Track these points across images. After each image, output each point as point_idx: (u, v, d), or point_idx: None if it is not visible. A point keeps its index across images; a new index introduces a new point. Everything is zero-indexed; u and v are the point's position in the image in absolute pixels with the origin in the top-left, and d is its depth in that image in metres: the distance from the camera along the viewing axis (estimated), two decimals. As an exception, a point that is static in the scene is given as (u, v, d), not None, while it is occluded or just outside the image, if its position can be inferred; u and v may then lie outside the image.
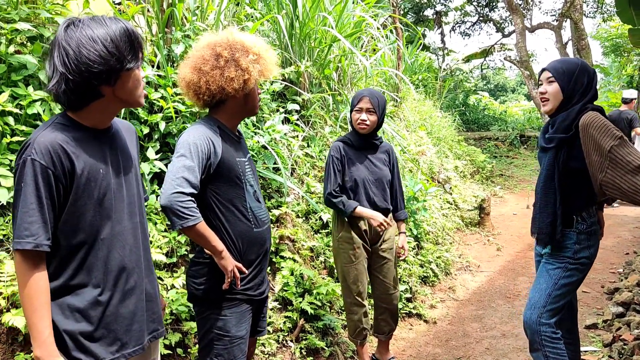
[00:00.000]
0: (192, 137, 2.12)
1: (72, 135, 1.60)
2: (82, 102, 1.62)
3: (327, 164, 3.27)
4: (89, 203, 1.62)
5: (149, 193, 3.23)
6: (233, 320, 2.23)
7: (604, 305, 4.71)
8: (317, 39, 5.36)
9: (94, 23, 1.58)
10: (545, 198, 2.69)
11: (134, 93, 1.69)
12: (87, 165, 1.61)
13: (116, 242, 1.69)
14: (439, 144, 9.35)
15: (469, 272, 5.88)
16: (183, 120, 3.46)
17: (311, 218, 4.50)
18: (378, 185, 3.29)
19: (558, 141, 2.60)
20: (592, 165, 2.48)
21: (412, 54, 11.22)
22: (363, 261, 3.30)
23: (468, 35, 22.08)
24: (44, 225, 1.53)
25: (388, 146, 3.45)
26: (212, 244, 2.10)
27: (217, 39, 2.21)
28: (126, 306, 1.72)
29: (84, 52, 1.53)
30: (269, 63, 2.23)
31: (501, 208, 9.32)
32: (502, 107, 22.77)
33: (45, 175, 1.52)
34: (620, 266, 5.83)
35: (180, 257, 3.30)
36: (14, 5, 3.06)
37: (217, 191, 2.19)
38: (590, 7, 18.71)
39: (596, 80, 2.64)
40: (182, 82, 2.23)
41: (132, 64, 1.62)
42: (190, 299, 2.31)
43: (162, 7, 3.79)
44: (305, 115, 5.10)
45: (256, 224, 2.28)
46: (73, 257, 1.62)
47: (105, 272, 1.67)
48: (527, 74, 13.79)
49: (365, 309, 3.33)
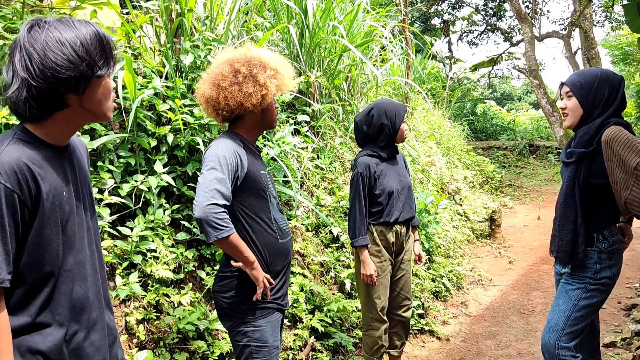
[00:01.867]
0: (220, 150, 2.15)
1: (35, 153, 1.41)
2: (44, 113, 1.42)
3: (356, 182, 3.18)
4: (54, 231, 1.43)
5: (157, 207, 3.14)
6: (269, 330, 2.24)
7: (621, 322, 4.58)
8: (327, 48, 5.29)
9: (61, 25, 1.41)
10: (565, 215, 2.57)
11: (103, 104, 1.50)
12: (52, 187, 1.43)
13: (78, 274, 1.51)
14: (448, 154, 9.25)
15: (481, 286, 5.76)
16: (191, 133, 3.38)
17: (321, 232, 4.41)
18: (405, 193, 3.28)
19: (578, 156, 2.49)
20: (616, 182, 2.37)
21: (421, 63, 11.15)
22: (388, 275, 3.24)
23: (475, 45, 22.03)
24: (6, 258, 1.34)
25: (402, 153, 3.47)
26: (244, 254, 2.13)
27: (235, 55, 2.26)
28: (91, 343, 1.55)
29: (50, 56, 1.35)
30: (286, 78, 2.28)
31: (511, 219, 9.19)
32: (510, 116, 22.67)
33: (10, 200, 1.33)
34: (637, 280, 5.69)
35: (187, 274, 3.21)
36: (19, 14, 3.00)
37: (243, 203, 2.21)
38: (599, 17, 18.61)
39: (622, 88, 2.50)
40: (202, 98, 2.28)
41: (103, 71, 1.45)
42: (222, 316, 2.29)
43: (171, 16, 3.73)
44: (315, 126, 5.02)
45: (281, 235, 2.32)
46: (38, 293, 1.43)
47: (69, 308, 1.49)
48: (536, 83, 13.68)
49: (386, 325, 3.24)
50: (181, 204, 3.35)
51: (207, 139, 3.47)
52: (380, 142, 3.23)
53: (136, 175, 3.12)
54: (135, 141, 3.19)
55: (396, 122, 3.20)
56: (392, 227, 3.21)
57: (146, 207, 3.16)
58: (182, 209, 3.33)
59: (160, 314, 2.95)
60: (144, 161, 3.25)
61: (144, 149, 3.26)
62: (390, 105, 3.24)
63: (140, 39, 3.77)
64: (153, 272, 2.92)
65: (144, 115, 3.26)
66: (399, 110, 3.22)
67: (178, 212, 3.29)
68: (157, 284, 2.99)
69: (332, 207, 4.57)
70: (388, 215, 3.19)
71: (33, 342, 1.42)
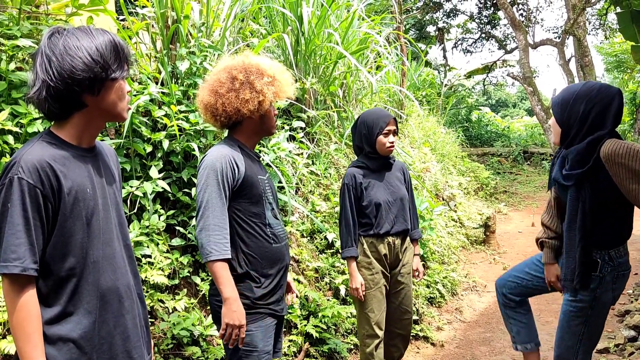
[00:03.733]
0: (210, 162, 2.19)
1: (58, 153, 1.54)
2: (63, 112, 1.56)
3: (342, 193, 3.13)
4: (77, 224, 1.54)
5: (152, 213, 3.15)
6: (259, 334, 2.24)
7: (615, 328, 4.60)
8: (323, 55, 5.32)
9: (79, 32, 1.53)
10: (569, 241, 2.48)
11: (118, 105, 1.62)
12: (75, 184, 1.54)
13: (107, 265, 1.61)
14: (443, 161, 9.29)
15: (475, 292, 5.77)
16: (187, 139, 3.39)
17: (316, 237, 4.42)
18: (398, 205, 3.15)
19: (576, 178, 2.39)
20: (631, 194, 2.27)
21: (416, 70, 11.20)
22: (382, 288, 3.13)
23: (470, 53, 22.12)
24: (31, 248, 1.45)
25: (401, 164, 3.34)
26: (219, 286, 2.17)
27: (233, 62, 2.30)
28: (122, 332, 1.63)
29: (67, 60, 1.48)
30: (283, 85, 2.31)
31: (506, 226, 9.22)
32: (505, 123, 22.74)
33: (33, 195, 1.45)
34: (630, 287, 5.71)
35: (182, 279, 3.21)
36: (15, 21, 3.01)
37: (238, 207, 2.25)
38: (592, 25, 18.75)
39: (614, 104, 2.34)
40: (200, 105, 2.32)
41: (117, 74, 1.57)
42: (215, 319, 2.30)
43: (167, 23, 3.75)
44: (310, 132, 5.04)
45: (275, 240, 2.33)
46: (66, 283, 1.53)
47: (98, 297, 1.58)
48: (530, 90, 13.74)
49: (379, 340, 3.14)
50: (176, 209, 3.35)
51: (203, 145, 3.48)
52: (369, 153, 3.13)
53: (131, 180, 3.12)
54: (130, 147, 3.20)
55: (373, 133, 3.06)
56: (383, 239, 3.11)
57: (141, 212, 3.16)
58: (177, 214, 3.33)
59: (154, 320, 2.95)
60: (139, 167, 3.26)
61: (140, 154, 3.27)
62: (370, 116, 3.12)
63: (137, 46, 3.79)
64: (148, 277, 2.92)
65: (140, 121, 3.27)
66: (377, 121, 3.07)
67: (173, 218, 3.29)
68: (152, 289, 2.99)
69: (327, 213, 4.58)
70: (377, 227, 3.09)
71: (64, 330, 1.52)
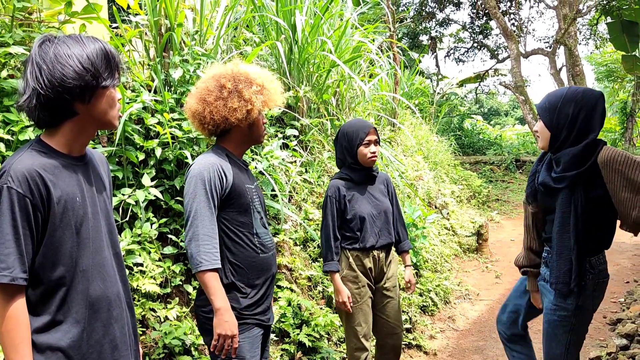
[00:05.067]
0: (198, 172, 2.18)
1: (48, 162, 1.53)
2: (54, 120, 1.55)
3: (325, 205, 3.09)
4: (67, 233, 1.54)
5: (144, 221, 3.13)
6: (247, 345, 2.23)
7: (607, 336, 4.61)
8: (316, 64, 5.33)
9: (70, 40, 1.53)
10: (561, 244, 2.48)
11: (109, 113, 1.62)
12: (64, 193, 1.54)
13: (97, 274, 1.61)
14: (436, 169, 9.31)
15: (468, 300, 5.77)
16: (180, 146, 3.38)
17: (309, 246, 4.41)
18: (382, 219, 3.12)
19: (571, 179, 2.39)
20: (622, 202, 2.29)
21: (409, 79, 11.25)
22: (368, 301, 3.10)
23: (462, 62, 22.26)
24: (20, 258, 1.45)
25: (385, 176, 3.29)
26: (210, 296, 2.11)
27: (222, 70, 2.29)
28: (110, 341, 1.63)
29: (57, 68, 1.48)
30: (272, 94, 2.30)
31: (498, 234, 9.25)
32: (496, 131, 22.85)
33: (22, 204, 1.45)
34: (622, 295, 5.74)
35: (174, 288, 3.19)
36: (7, 28, 3.00)
37: (225, 217, 2.23)
38: (583, 35, 18.94)
39: (598, 107, 2.39)
40: (189, 112, 2.32)
41: (107, 82, 1.57)
42: (202, 330, 2.28)
43: (160, 31, 3.75)
44: (303, 140, 5.04)
45: (262, 250, 2.32)
46: (55, 292, 1.53)
47: (87, 306, 1.58)
48: (522, 99, 13.86)
49: (368, 352, 3.10)
50: (169, 217, 3.34)
51: (195, 153, 3.47)
52: (352, 164, 3.08)
53: (124, 188, 3.11)
54: (123, 155, 3.19)
55: (354, 145, 3.01)
56: (368, 253, 3.07)
57: (133, 220, 3.14)
58: (169, 222, 3.32)
59: (146, 329, 2.93)
60: (131, 175, 3.25)
61: (132, 162, 3.25)
62: (350, 127, 3.06)
63: (130, 53, 3.78)
64: (139, 286, 2.90)
65: (132, 129, 3.26)
66: (358, 132, 3.01)
67: (165, 226, 3.28)
68: (144, 298, 2.97)
69: (320, 221, 4.57)
70: (362, 241, 3.05)
71: (53, 339, 1.52)
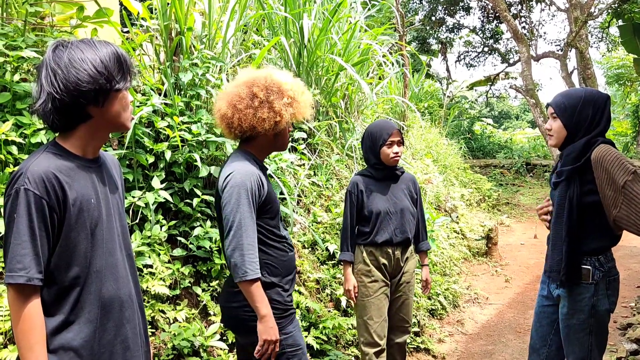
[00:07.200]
0: (240, 180, 2.17)
1: (64, 164, 1.56)
2: (68, 124, 1.58)
3: (345, 199, 3.26)
4: (82, 234, 1.57)
5: (154, 223, 3.16)
6: (298, 333, 2.31)
7: (616, 341, 4.58)
8: (325, 67, 5.35)
9: (83, 45, 1.56)
10: (556, 234, 2.56)
11: (122, 115, 1.65)
12: (80, 194, 1.57)
13: (109, 275, 1.64)
14: (445, 172, 9.28)
15: (477, 304, 5.75)
16: (189, 149, 3.41)
17: (317, 249, 4.41)
18: (399, 217, 3.18)
19: (567, 173, 2.48)
20: (606, 199, 2.37)
21: (417, 82, 11.23)
22: (382, 297, 3.15)
23: (473, 67, 22.15)
24: (36, 258, 1.48)
25: (410, 176, 3.37)
26: (255, 304, 2.13)
27: (255, 77, 2.28)
28: (122, 341, 1.66)
29: (72, 72, 1.51)
30: (302, 107, 2.31)
31: (508, 237, 9.19)
32: (506, 135, 22.72)
33: (39, 206, 1.48)
34: (632, 300, 5.69)
35: (183, 290, 3.21)
36: (20, 32, 3.04)
37: (260, 223, 2.24)
38: (594, 38, 18.82)
39: (607, 108, 2.48)
40: (217, 114, 2.32)
41: (120, 85, 1.60)
42: (247, 331, 2.24)
43: (171, 35, 3.78)
44: (312, 143, 5.05)
45: (289, 249, 2.38)
46: (69, 293, 1.56)
47: (99, 306, 1.60)
48: (532, 102, 13.76)
49: (380, 348, 3.13)
50: (178, 220, 3.36)
51: (205, 156, 3.50)
52: (375, 164, 3.20)
53: (134, 191, 3.14)
54: (133, 157, 3.22)
55: (377, 144, 3.13)
56: (382, 249, 3.15)
57: (143, 223, 3.17)
58: (179, 225, 3.34)
59: (155, 330, 2.95)
60: (141, 177, 3.28)
61: (142, 165, 3.28)
62: (375, 128, 3.20)
63: (140, 57, 3.82)
64: (149, 288, 2.92)
65: (143, 132, 3.29)
66: (381, 132, 3.13)
67: (175, 228, 3.30)
68: (153, 299, 2.99)
69: (329, 224, 4.58)
70: (376, 235, 3.14)
71: (65, 339, 1.54)
